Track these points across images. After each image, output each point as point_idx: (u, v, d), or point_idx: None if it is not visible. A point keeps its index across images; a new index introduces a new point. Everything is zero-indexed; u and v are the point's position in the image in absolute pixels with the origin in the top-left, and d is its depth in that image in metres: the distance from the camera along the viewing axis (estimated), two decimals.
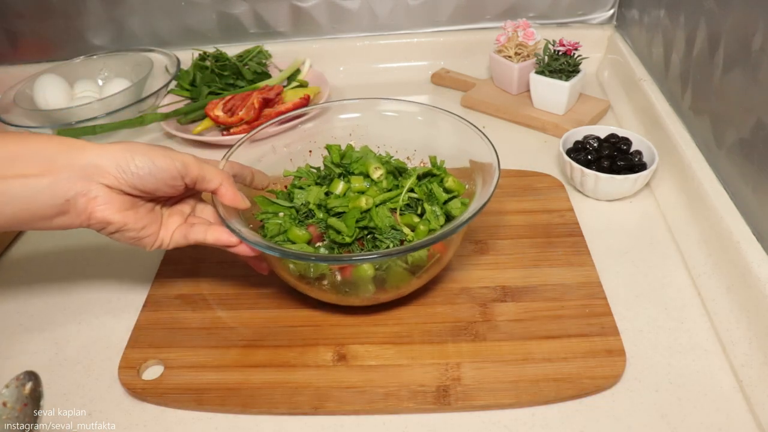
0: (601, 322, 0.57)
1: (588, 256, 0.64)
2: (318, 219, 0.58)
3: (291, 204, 0.60)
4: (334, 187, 0.60)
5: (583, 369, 0.52)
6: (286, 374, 0.54)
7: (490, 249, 0.66)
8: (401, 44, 1.08)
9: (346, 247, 0.57)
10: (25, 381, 0.43)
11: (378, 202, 0.58)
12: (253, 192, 0.61)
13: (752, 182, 0.58)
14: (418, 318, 0.59)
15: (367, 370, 0.54)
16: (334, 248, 0.57)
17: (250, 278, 0.64)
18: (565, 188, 0.75)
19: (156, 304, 0.62)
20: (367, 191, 0.59)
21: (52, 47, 1.09)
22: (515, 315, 0.58)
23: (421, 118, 0.67)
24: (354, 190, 0.60)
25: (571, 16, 1.06)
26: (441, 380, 0.53)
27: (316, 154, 0.68)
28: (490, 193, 0.53)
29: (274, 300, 0.62)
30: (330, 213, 0.58)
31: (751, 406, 0.50)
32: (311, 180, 0.63)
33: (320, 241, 0.59)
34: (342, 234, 0.55)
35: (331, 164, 0.63)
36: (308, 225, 0.59)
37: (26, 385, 0.43)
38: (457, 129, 0.63)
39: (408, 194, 0.59)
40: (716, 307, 0.57)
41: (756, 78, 0.58)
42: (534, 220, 0.70)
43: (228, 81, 1.00)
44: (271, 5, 1.05)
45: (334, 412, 0.51)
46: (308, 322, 0.59)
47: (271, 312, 0.61)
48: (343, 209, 0.58)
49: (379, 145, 0.68)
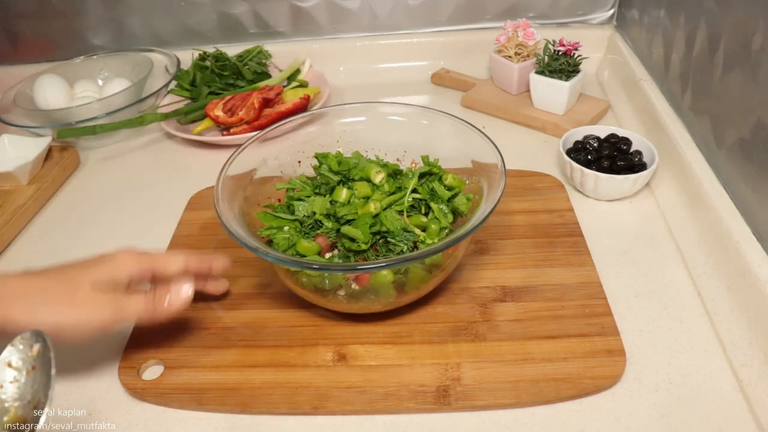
0: (601, 322, 0.57)
1: (588, 256, 0.64)
2: (327, 229, 0.58)
3: (294, 217, 0.59)
4: (337, 195, 0.59)
5: (583, 369, 0.52)
6: (286, 374, 0.54)
7: (490, 249, 0.66)
8: (401, 44, 1.08)
9: (362, 254, 0.56)
10: (32, 341, 0.39)
11: (385, 205, 0.58)
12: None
13: (752, 182, 0.58)
14: (418, 318, 0.59)
15: (367, 370, 0.54)
16: (350, 256, 0.57)
17: (248, 278, 0.64)
18: (565, 188, 0.75)
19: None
20: (373, 195, 0.59)
21: (52, 47, 1.09)
22: (515, 315, 0.58)
23: (407, 119, 0.67)
24: (359, 195, 0.59)
25: (571, 16, 1.06)
26: (441, 380, 0.53)
27: (305, 164, 0.67)
28: (501, 188, 0.54)
29: (274, 300, 0.62)
30: (340, 221, 0.58)
31: (751, 406, 0.50)
32: (308, 191, 0.62)
33: (330, 251, 0.58)
34: (357, 241, 0.55)
35: (328, 173, 0.62)
36: (315, 236, 0.58)
37: (33, 347, 0.39)
38: (457, 130, 0.63)
39: (412, 195, 0.59)
40: (716, 307, 0.57)
41: (756, 78, 0.58)
42: (534, 220, 0.70)
43: (228, 81, 1.00)
44: (271, 5, 1.05)
45: (335, 412, 0.52)
46: (308, 322, 0.59)
47: (271, 312, 0.61)
48: (353, 216, 0.57)
49: (367, 149, 0.67)
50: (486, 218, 0.52)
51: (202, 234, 0.72)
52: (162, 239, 0.71)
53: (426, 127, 0.66)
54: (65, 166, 0.86)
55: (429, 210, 0.60)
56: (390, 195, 0.60)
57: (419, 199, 0.60)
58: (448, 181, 0.61)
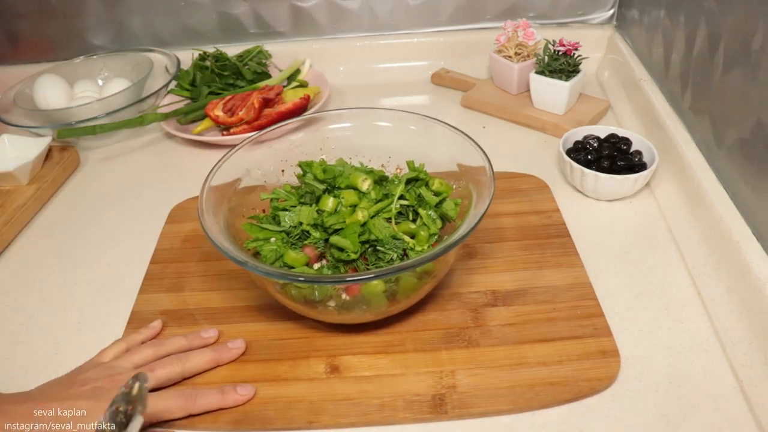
0: (593, 323, 0.57)
1: (576, 257, 0.64)
2: (315, 239, 0.57)
3: (280, 228, 0.58)
4: (323, 204, 0.58)
5: (578, 371, 0.52)
6: (279, 388, 0.53)
7: (478, 253, 0.65)
8: (401, 44, 1.08)
9: (351, 264, 0.56)
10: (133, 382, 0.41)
11: (372, 213, 0.57)
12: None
13: (752, 182, 0.58)
14: (409, 326, 0.58)
15: (361, 381, 0.53)
16: (339, 266, 0.56)
17: (235, 291, 0.63)
18: (550, 189, 0.74)
19: (140, 322, 0.60)
20: (360, 203, 0.58)
21: (52, 47, 1.09)
22: (507, 319, 0.58)
23: (392, 125, 0.66)
24: (346, 204, 0.58)
25: (571, 16, 1.06)
26: (436, 389, 0.52)
27: (288, 172, 0.66)
28: (491, 194, 0.53)
29: (262, 312, 0.61)
30: (328, 231, 0.57)
31: (750, 406, 0.50)
32: (294, 200, 0.61)
33: (318, 262, 0.58)
34: (346, 251, 0.54)
35: (313, 181, 0.61)
36: (303, 246, 0.57)
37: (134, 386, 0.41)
38: (443, 135, 0.62)
39: (399, 201, 0.58)
40: (716, 307, 0.57)
41: (756, 78, 0.58)
42: (521, 222, 0.69)
43: (228, 81, 1.00)
44: (271, 5, 1.05)
45: (330, 425, 0.51)
46: (298, 334, 0.58)
47: (260, 325, 0.59)
48: (341, 225, 0.56)
49: (351, 156, 0.66)
50: (477, 224, 0.51)
51: (185, 247, 0.70)
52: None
53: (413, 133, 0.65)
54: (65, 166, 0.86)
55: (417, 216, 0.59)
56: (377, 202, 0.59)
57: (407, 206, 0.59)
58: (435, 186, 0.60)
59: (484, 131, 0.90)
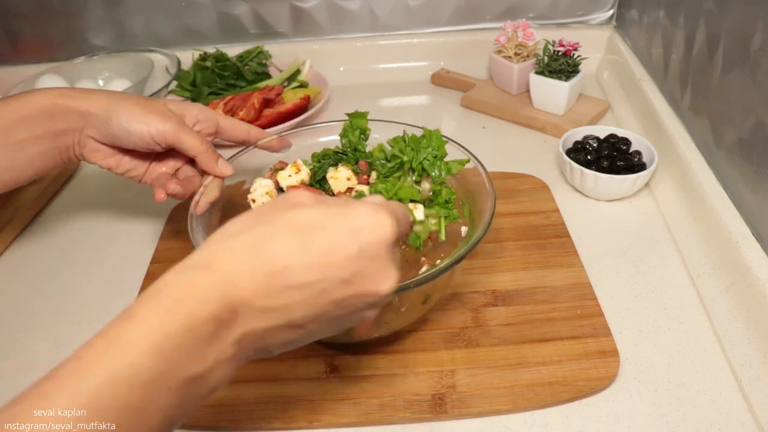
0: (593, 323, 0.57)
1: (576, 257, 0.64)
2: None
3: None
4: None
5: (578, 371, 0.52)
6: (279, 388, 0.53)
7: (478, 253, 0.65)
8: (401, 44, 1.08)
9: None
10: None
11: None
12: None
13: (751, 182, 0.58)
14: (409, 326, 0.58)
15: (360, 380, 0.53)
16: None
17: None
18: (550, 189, 0.75)
19: None
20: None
21: (53, 47, 1.09)
22: (507, 319, 0.58)
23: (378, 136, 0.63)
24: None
25: (570, 16, 1.06)
26: (436, 388, 0.52)
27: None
28: (491, 209, 0.52)
29: None
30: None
31: (750, 406, 0.50)
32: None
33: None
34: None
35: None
36: None
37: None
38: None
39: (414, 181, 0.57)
40: (715, 307, 0.57)
41: (755, 78, 0.58)
42: (521, 222, 0.69)
43: (228, 81, 1.00)
44: (271, 5, 1.05)
45: (330, 425, 0.51)
46: None
47: None
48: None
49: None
50: (479, 241, 0.50)
51: (185, 247, 0.68)
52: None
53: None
54: (66, 166, 0.86)
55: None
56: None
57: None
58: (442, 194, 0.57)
59: (483, 131, 0.90)
